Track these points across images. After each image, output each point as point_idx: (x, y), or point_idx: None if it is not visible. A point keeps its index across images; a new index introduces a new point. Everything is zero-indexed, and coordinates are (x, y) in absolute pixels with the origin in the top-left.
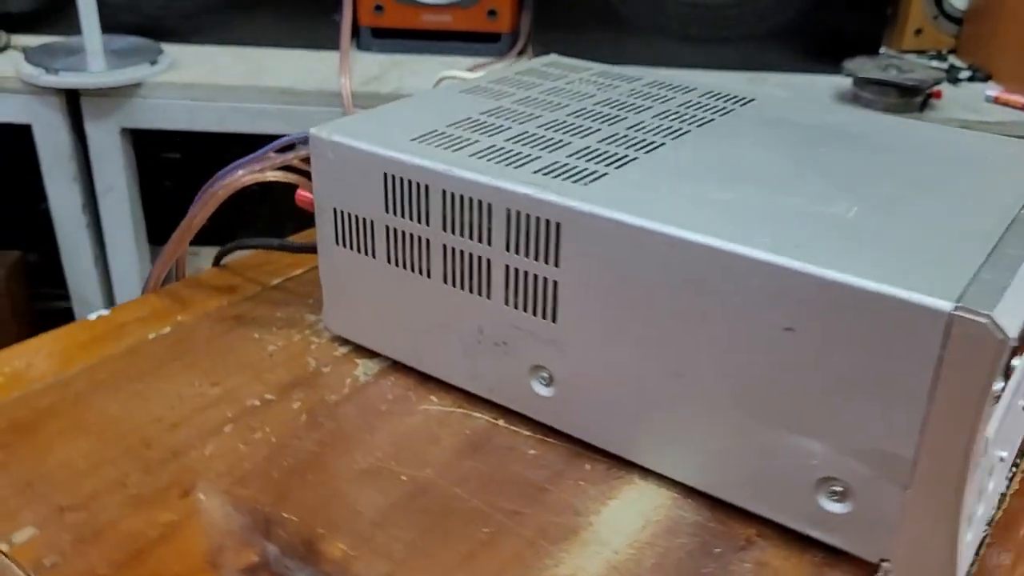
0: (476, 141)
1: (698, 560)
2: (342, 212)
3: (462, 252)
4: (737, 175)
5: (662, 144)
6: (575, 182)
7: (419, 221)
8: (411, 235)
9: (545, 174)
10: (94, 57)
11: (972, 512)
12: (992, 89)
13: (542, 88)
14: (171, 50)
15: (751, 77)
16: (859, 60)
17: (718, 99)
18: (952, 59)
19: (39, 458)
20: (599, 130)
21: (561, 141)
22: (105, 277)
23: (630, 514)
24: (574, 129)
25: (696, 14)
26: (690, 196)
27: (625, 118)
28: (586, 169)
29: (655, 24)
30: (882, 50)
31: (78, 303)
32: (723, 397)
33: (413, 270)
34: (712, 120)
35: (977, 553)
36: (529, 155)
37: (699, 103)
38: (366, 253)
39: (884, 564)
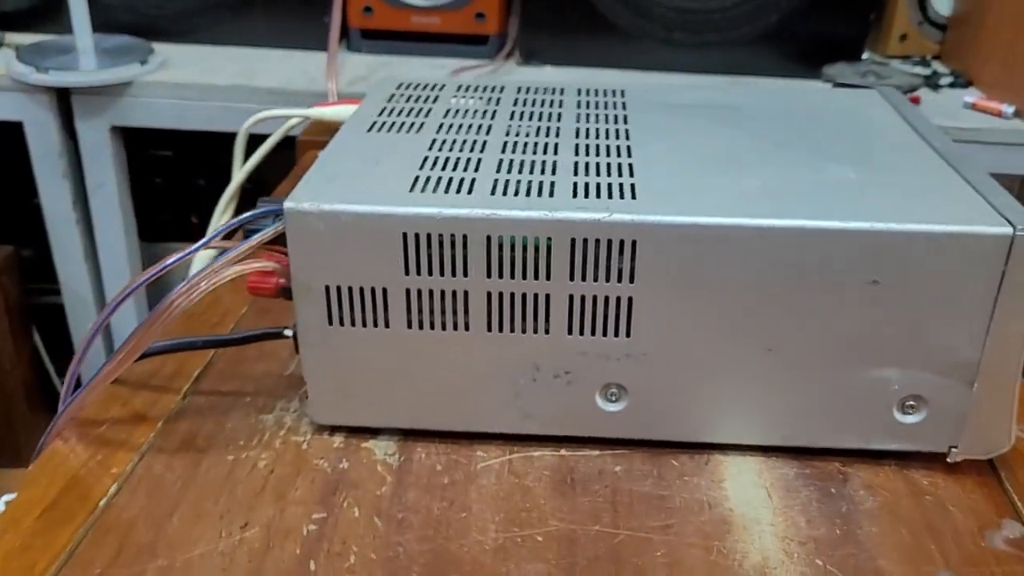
0: (471, 179)
1: (829, 504)
2: (338, 288)
3: (512, 295)
4: (729, 159)
5: (629, 146)
6: (622, 198)
7: (454, 275)
8: (442, 292)
9: (584, 197)
10: (85, 56)
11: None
12: (971, 95)
13: (437, 112)
14: (162, 49)
15: (734, 81)
16: (839, 66)
17: (598, 95)
18: (936, 65)
19: None
20: (557, 143)
21: (545, 161)
22: (95, 272)
23: (750, 488)
24: (535, 147)
25: (681, 19)
26: (727, 186)
27: (558, 127)
28: (611, 183)
29: (641, 28)
30: (866, 55)
31: (69, 297)
32: (813, 357)
33: (444, 328)
34: (626, 115)
35: None
36: (541, 182)
37: (590, 101)
38: (375, 325)
39: (953, 450)
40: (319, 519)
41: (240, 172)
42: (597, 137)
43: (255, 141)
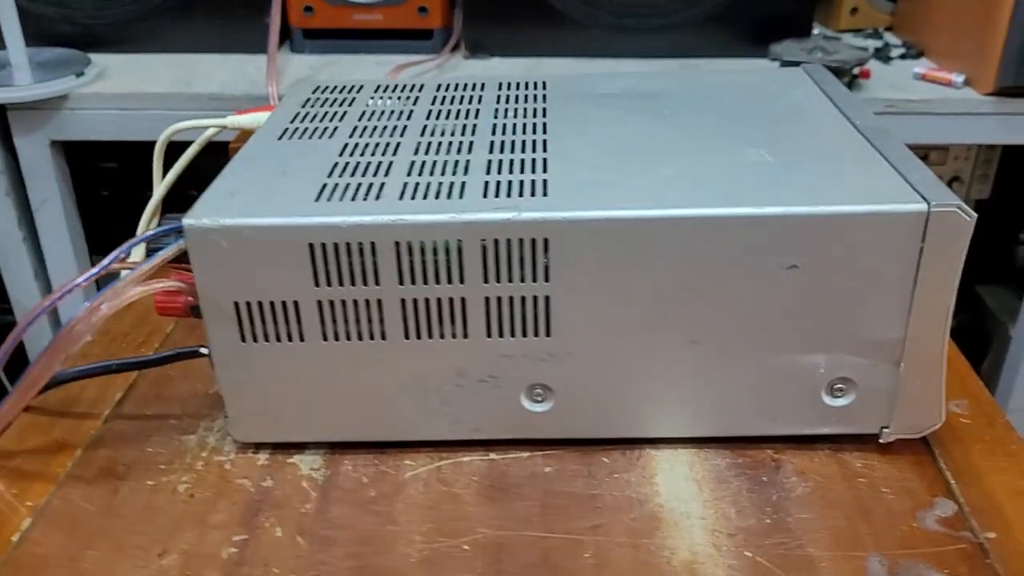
0: (381, 184)
1: (760, 493)
2: (248, 304)
3: (427, 300)
4: (646, 149)
5: (545, 140)
6: (533, 195)
7: (365, 284)
8: (354, 302)
9: (495, 196)
10: (19, 71)
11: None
12: (922, 66)
13: (352, 115)
14: (100, 60)
15: (683, 64)
16: (786, 43)
17: (519, 89)
18: (888, 37)
19: None
20: (472, 141)
21: (458, 161)
22: (47, 290)
23: (681, 482)
24: (449, 147)
25: (629, 4)
26: (641, 177)
27: (475, 124)
28: (523, 180)
29: (588, 15)
30: (817, 31)
31: (22, 317)
32: (736, 345)
33: (361, 339)
34: (545, 108)
35: None
36: (451, 183)
37: (510, 96)
38: (290, 340)
39: (885, 430)
40: (240, 542)
41: (160, 187)
42: (513, 133)
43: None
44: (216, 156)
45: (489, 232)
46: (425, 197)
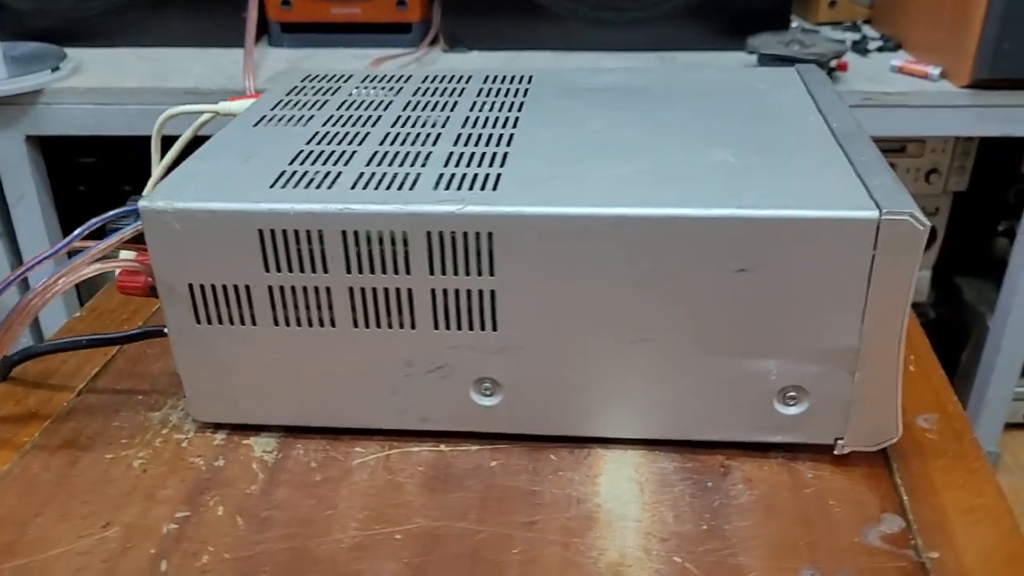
0: (339, 172)
1: (702, 498)
2: (201, 287)
3: (374, 290)
4: (608, 145)
5: (512, 134)
6: (483, 189)
7: (314, 271)
8: (304, 288)
9: (446, 188)
10: None
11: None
12: (899, 59)
13: (332, 104)
14: (76, 54)
15: (662, 57)
16: (763, 36)
17: (504, 82)
18: (866, 30)
19: None
20: (441, 133)
21: (420, 153)
22: (23, 285)
23: (624, 483)
24: (416, 138)
25: None
26: (597, 175)
27: (449, 116)
28: (477, 174)
29: (566, 8)
30: (796, 23)
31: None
32: (685, 347)
33: (311, 325)
34: (523, 102)
35: None
36: (407, 174)
37: (492, 88)
38: (242, 323)
39: (839, 441)
40: (181, 518)
41: (157, 170)
42: (483, 126)
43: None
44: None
45: (434, 224)
46: (377, 187)
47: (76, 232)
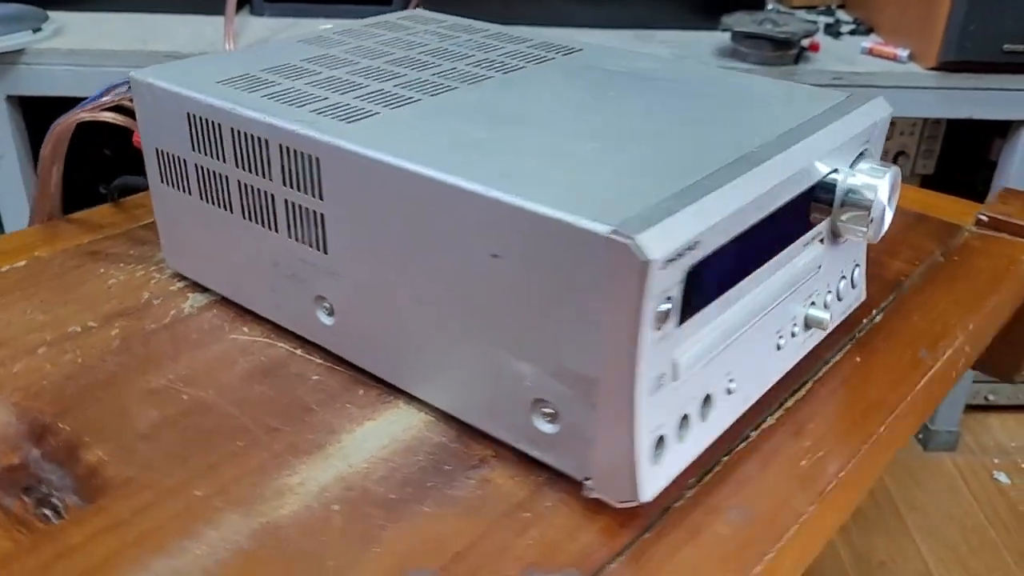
0: (276, 83)
1: (426, 475)
2: (162, 152)
3: (251, 187)
4: (508, 117)
5: (455, 88)
6: (341, 120)
7: (217, 158)
8: (213, 172)
9: (320, 113)
10: None
11: (661, 431)
12: (871, 41)
13: (381, 39)
14: (59, 17)
15: (638, 35)
16: (737, 15)
17: (545, 49)
18: (840, 14)
19: None
20: (404, 75)
21: (359, 84)
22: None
23: (380, 434)
24: (381, 74)
25: None
26: (445, 134)
27: (439, 65)
28: (362, 109)
29: None
30: (770, 6)
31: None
32: (454, 321)
33: (219, 206)
34: (523, 68)
35: (709, 472)
36: (317, 96)
37: (525, 53)
38: (184, 191)
39: (587, 482)
40: (89, 327)
41: None
42: (447, 77)
43: None
44: None
45: (284, 138)
46: (289, 104)
47: (93, 95)
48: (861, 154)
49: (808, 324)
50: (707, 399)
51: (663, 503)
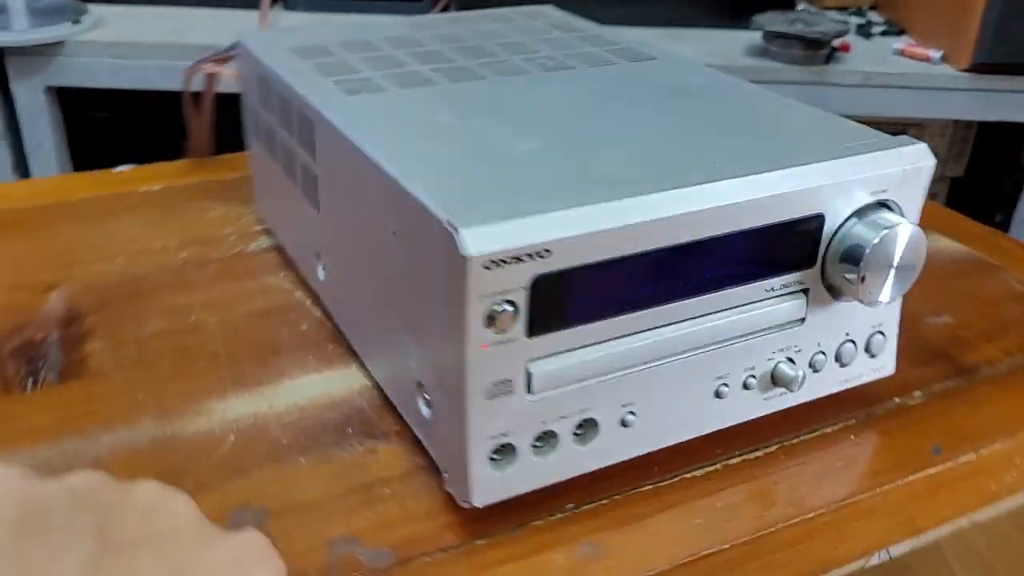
0: (335, 55)
1: (327, 432)
2: (248, 107)
3: (285, 145)
4: (490, 109)
5: (484, 78)
6: (347, 93)
7: (270, 116)
8: (270, 129)
9: (337, 84)
10: (17, 16)
11: (508, 440)
12: (901, 43)
13: (473, 28)
14: (97, 10)
15: (668, 33)
16: (768, 14)
17: (620, 55)
18: (871, 15)
19: None
20: (454, 61)
21: (402, 63)
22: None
23: (316, 387)
24: (433, 58)
25: None
26: (416, 116)
27: (496, 56)
28: (376, 85)
29: None
30: (802, 7)
31: None
32: (377, 294)
33: (272, 160)
34: (573, 68)
35: None
36: (353, 69)
37: (594, 55)
38: (258, 143)
39: (445, 475)
40: (166, 247)
41: None
42: (487, 68)
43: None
44: None
45: (296, 102)
46: (324, 72)
47: (207, 55)
48: (878, 204)
49: (775, 380)
50: (589, 423)
51: (525, 517)
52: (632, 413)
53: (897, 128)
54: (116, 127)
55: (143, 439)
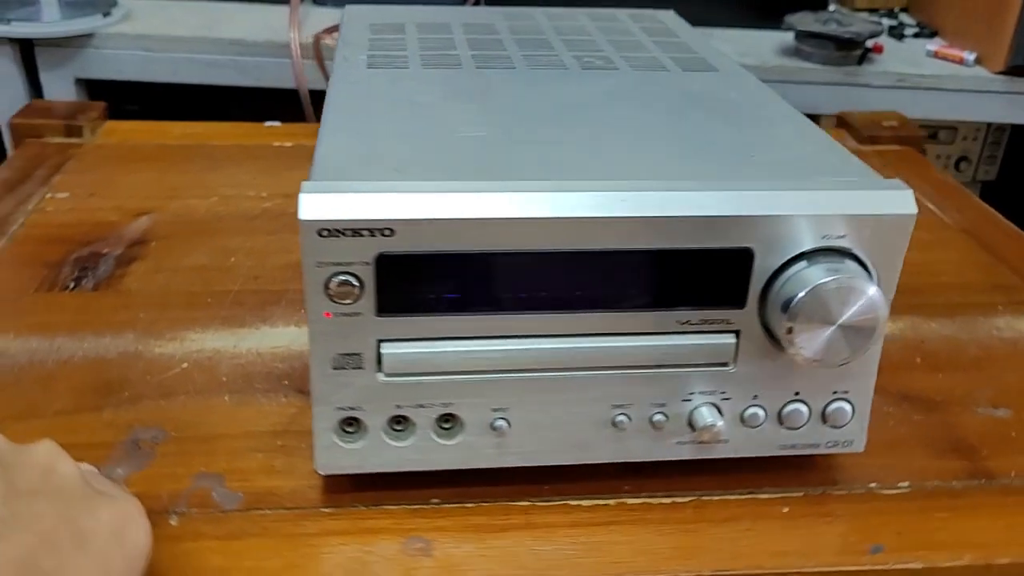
0: (399, 34)
1: (265, 381)
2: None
3: None
4: (480, 96)
5: (513, 68)
6: (372, 68)
7: None
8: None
9: (372, 58)
10: (48, 7)
11: (354, 413)
12: (934, 44)
13: (572, 24)
14: (127, 2)
15: (701, 33)
16: (801, 14)
17: (679, 63)
18: (903, 17)
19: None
20: (501, 51)
21: (448, 47)
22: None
23: (288, 338)
24: (484, 45)
25: None
26: (405, 94)
27: (551, 49)
28: (403, 64)
29: None
30: (832, 8)
31: None
32: None
33: None
34: (617, 70)
35: None
36: (399, 47)
37: (652, 60)
38: None
39: None
40: (259, 197)
41: None
42: (541, 64)
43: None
44: None
45: (335, 71)
46: (374, 47)
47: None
48: (837, 252)
49: (691, 423)
50: (452, 418)
51: (382, 499)
52: (504, 420)
53: (930, 131)
54: (146, 120)
55: (114, 350)
